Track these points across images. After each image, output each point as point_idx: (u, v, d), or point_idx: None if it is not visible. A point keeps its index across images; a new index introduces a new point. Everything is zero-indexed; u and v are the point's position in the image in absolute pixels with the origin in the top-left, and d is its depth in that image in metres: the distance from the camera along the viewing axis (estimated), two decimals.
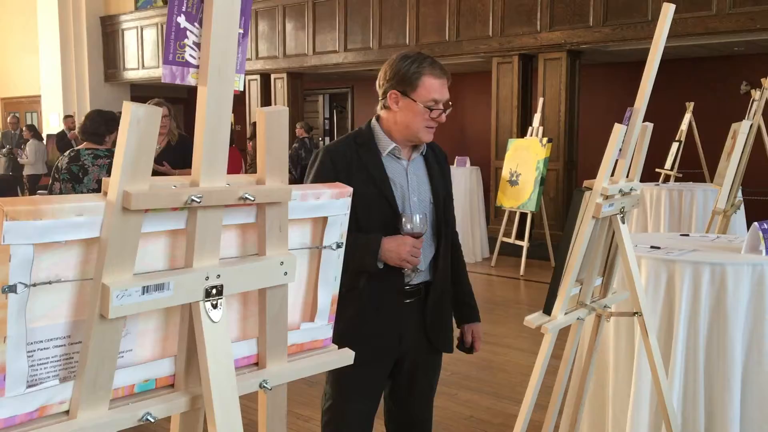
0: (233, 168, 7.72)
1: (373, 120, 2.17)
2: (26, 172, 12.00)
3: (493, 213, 9.18)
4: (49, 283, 0.90)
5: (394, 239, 1.98)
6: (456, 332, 2.33)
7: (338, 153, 2.10)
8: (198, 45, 0.97)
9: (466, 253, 7.96)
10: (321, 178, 2.03)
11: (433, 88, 2.04)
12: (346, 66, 10.82)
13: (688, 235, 3.17)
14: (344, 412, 2.13)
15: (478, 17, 9.17)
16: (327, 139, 15.02)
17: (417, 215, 1.99)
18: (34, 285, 0.88)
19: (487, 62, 9.50)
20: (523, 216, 7.67)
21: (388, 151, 2.10)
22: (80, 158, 3.52)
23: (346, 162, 2.08)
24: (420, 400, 2.28)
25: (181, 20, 0.95)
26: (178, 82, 0.96)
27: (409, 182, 2.11)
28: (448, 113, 2.10)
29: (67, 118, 12.73)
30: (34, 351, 0.91)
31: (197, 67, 0.97)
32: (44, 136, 12.93)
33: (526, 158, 7.45)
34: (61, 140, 11.72)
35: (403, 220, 1.99)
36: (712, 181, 5.95)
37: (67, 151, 3.67)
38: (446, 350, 2.29)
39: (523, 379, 4.11)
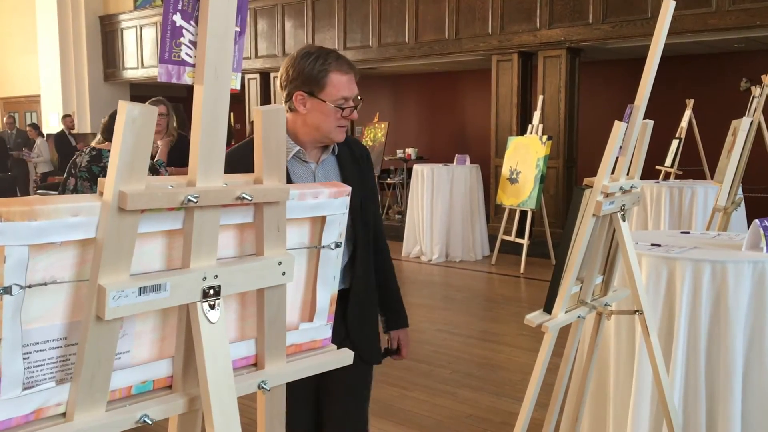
0: None
1: None
2: (40, 170, 12.10)
3: (493, 211, 9.17)
4: (45, 284, 0.89)
5: None
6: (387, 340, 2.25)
7: (236, 158, 1.88)
8: (194, 43, 0.96)
9: (466, 251, 8.05)
10: None
11: (342, 85, 1.94)
12: None
13: (688, 232, 3.16)
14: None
15: (477, 15, 9.15)
16: None
17: None
18: (30, 286, 0.87)
19: (486, 60, 9.49)
20: (524, 214, 7.66)
21: (292, 155, 1.98)
22: (102, 159, 3.45)
23: (244, 168, 1.89)
24: (352, 412, 2.14)
25: (177, 18, 0.94)
26: (174, 81, 0.95)
27: None
28: (359, 109, 2.01)
29: (66, 117, 12.73)
30: (30, 353, 0.90)
31: (193, 65, 0.97)
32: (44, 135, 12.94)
33: (526, 156, 7.44)
34: (60, 140, 11.73)
35: None
36: (712, 179, 5.94)
37: (87, 149, 3.59)
38: (373, 361, 2.17)
39: (523, 378, 4.11)
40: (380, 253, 2.19)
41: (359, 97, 2.01)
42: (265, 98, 11.89)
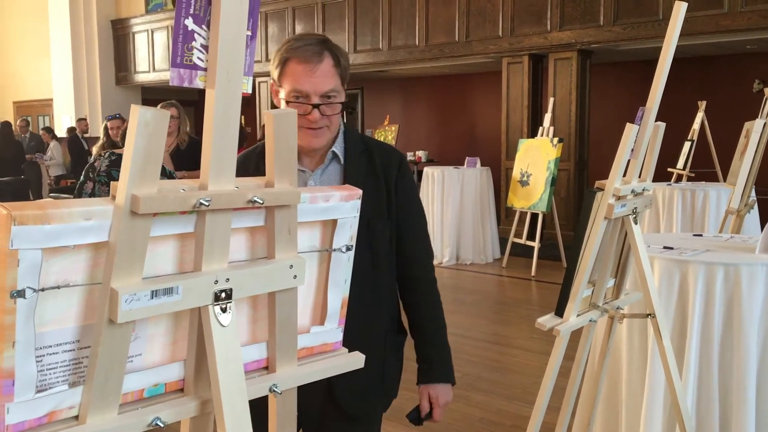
0: None
1: None
2: (53, 173, 12.19)
3: (503, 213, 9.15)
4: (58, 287, 0.90)
5: None
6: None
7: (239, 164, 1.78)
8: (206, 47, 0.96)
9: (477, 254, 8.03)
10: None
11: (296, 76, 1.60)
12: (355, 67, 10.81)
13: (701, 235, 3.14)
14: None
15: (487, 17, 9.15)
16: None
17: None
18: (43, 290, 0.88)
19: (497, 62, 9.49)
20: (534, 216, 7.64)
21: None
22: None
23: (240, 176, 1.75)
24: None
25: (189, 23, 0.94)
26: (186, 85, 0.95)
27: None
28: (334, 113, 1.64)
29: (80, 121, 12.82)
30: (43, 356, 0.91)
31: (205, 69, 0.97)
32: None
33: (536, 158, 7.42)
34: (73, 143, 11.81)
35: None
36: (725, 181, 5.90)
37: (107, 153, 3.60)
38: (368, 418, 1.80)
39: (534, 381, 4.09)
40: (415, 286, 1.80)
41: (330, 96, 1.63)
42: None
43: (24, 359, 0.88)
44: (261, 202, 1.03)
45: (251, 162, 1.77)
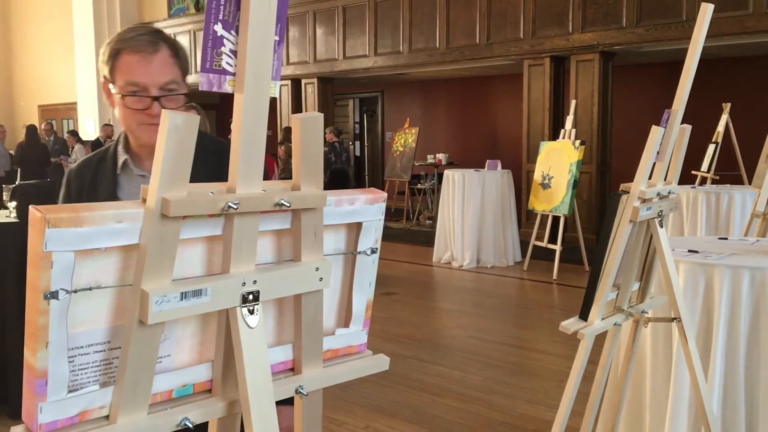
0: (265, 171, 7.79)
1: None
2: None
3: (524, 216, 9.11)
4: (90, 289, 0.91)
5: None
6: None
7: (76, 174, 1.66)
8: (234, 53, 0.97)
9: (498, 257, 8.03)
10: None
11: (130, 67, 1.48)
12: (376, 70, 10.84)
13: (726, 238, 3.10)
14: None
15: (509, 19, 9.12)
16: (357, 143, 15.07)
17: None
18: (75, 291, 0.89)
19: (518, 64, 9.45)
20: (556, 219, 7.60)
21: (120, 166, 1.61)
22: None
23: (79, 185, 1.64)
24: None
25: (218, 28, 0.96)
26: (215, 89, 0.96)
27: None
28: (177, 106, 1.53)
29: (106, 126, 12.97)
30: (75, 356, 0.92)
31: (234, 74, 0.98)
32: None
33: (558, 161, 7.38)
34: (97, 147, 11.95)
35: None
36: (750, 183, 5.82)
37: None
38: None
39: (557, 385, 4.07)
40: None
41: (171, 87, 1.52)
42: (297, 104, 11.98)
43: (57, 359, 0.89)
44: (288, 205, 1.04)
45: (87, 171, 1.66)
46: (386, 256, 8.21)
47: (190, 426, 1.00)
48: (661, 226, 1.96)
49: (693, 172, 7.05)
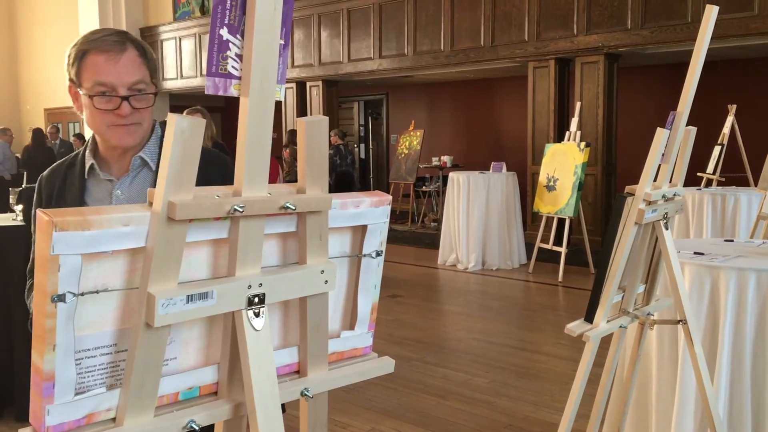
0: (270, 174, 7.82)
1: None
2: None
3: (530, 219, 9.10)
4: (97, 292, 0.92)
5: None
6: None
7: (46, 180, 1.66)
8: (240, 56, 0.98)
9: (503, 259, 8.02)
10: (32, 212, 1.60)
11: (97, 68, 1.48)
12: (380, 73, 10.85)
13: (732, 240, 3.10)
14: None
15: (513, 22, 9.12)
16: (362, 146, 15.08)
17: None
18: (82, 294, 0.90)
19: (523, 67, 9.45)
20: (561, 221, 7.59)
21: (87, 170, 1.60)
22: None
23: (49, 191, 1.64)
24: None
25: (224, 32, 0.96)
26: (221, 93, 0.97)
27: None
28: (147, 106, 1.52)
29: None
30: (82, 359, 0.93)
31: (239, 78, 0.98)
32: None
33: (563, 163, 7.37)
34: None
35: None
36: (756, 185, 5.81)
37: None
38: None
39: (561, 387, 4.06)
40: None
41: (140, 86, 1.51)
42: (302, 107, 12.00)
43: (64, 362, 0.90)
44: (293, 208, 1.05)
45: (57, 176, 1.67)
46: (391, 259, 8.21)
47: (196, 428, 1.00)
48: (667, 228, 1.96)
49: (698, 174, 7.04)
